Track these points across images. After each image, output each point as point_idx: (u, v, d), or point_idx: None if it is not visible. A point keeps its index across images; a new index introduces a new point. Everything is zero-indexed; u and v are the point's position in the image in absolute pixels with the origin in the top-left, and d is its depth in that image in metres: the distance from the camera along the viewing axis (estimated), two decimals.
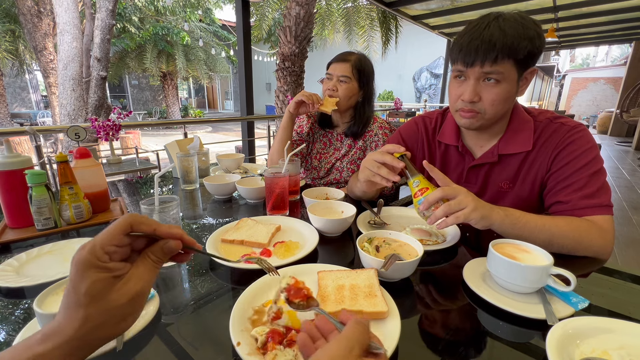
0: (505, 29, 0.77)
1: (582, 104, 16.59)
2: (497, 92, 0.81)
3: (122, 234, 0.35)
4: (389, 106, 8.81)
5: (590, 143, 0.84)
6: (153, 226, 0.37)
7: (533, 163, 0.90)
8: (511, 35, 0.77)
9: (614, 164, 6.15)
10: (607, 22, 5.53)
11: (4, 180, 0.86)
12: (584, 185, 0.81)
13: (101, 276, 0.33)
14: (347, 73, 1.34)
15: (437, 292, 0.66)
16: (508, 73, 0.80)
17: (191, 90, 21.81)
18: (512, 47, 0.77)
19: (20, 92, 12.64)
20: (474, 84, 0.83)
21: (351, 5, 7.73)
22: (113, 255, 0.34)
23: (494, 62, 0.78)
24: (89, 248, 0.33)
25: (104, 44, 5.34)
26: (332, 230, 0.87)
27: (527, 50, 0.77)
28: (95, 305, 0.32)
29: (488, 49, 0.78)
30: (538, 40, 0.78)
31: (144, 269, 0.36)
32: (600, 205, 0.79)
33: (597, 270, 0.75)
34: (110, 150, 2.80)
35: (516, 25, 0.77)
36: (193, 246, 0.41)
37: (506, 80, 0.81)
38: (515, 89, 0.83)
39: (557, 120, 0.89)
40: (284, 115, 1.40)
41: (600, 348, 0.47)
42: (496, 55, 0.77)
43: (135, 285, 0.35)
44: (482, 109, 0.84)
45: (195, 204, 1.16)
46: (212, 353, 0.48)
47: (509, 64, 0.79)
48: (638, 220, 3.39)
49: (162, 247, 0.38)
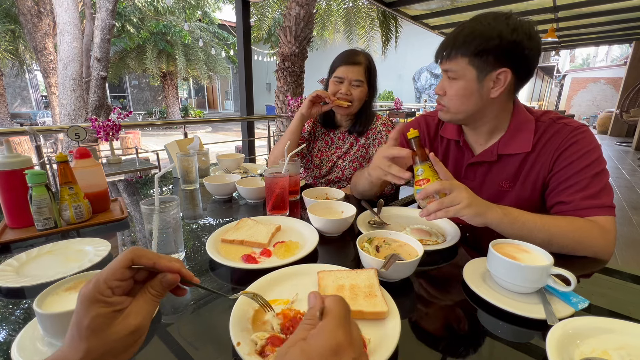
0: (463, 29, 0.82)
1: (582, 104, 16.59)
2: (455, 87, 0.87)
3: (124, 267, 0.36)
4: (389, 106, 8.82)
5: (593, 144, 0.84)
6: (153, 259, 0.38)
7: (534, 163, 0.90)
8: (464, 35, 0.81)
9: (614, 164, 6.15)
10: (607, 22, 5.53)
11: (4, 180, 0.86)
12: (587, 186, 0.81)
13: (103, 311, 0.34)
14: (361, 77, 1.32)
15: (437, 292, 0.66)
16: (463, 71, 0.84)
17: (191, 90, 21.81)
18: (462, 45, 0.81)
19: (20, 92, 12.64)
20: (443, 79, 0.91)
21: (351, 5, 7.73)
22: (116, 290, 0.36)
23: (447, 58, 0.85)
24: (94, 283, 0.35)
25: (104, 44, 5.34)
26: (332, 230, 0.87)
27: (478, 49, 0.79)
28: (96, 338, 0.34)
29: (445, 47, 0.85)
30: (497, 39, 0.78)
31: (144, 303, 0.37)
32: (602, 206, 0.79)
33: (597, 270, 0.75)
34: (110, 150, 2.80)
35: (477, 25, 0.80)
36: (191, 280, 0.41)
37: (462, 78, 0.85)
38: (474, 86, 0.84)
39: (560, 121, 0.89)
40: (295, 118, 1.37)
41: (600, 348, 0.47)
42: (449, 52, 0.83)
43: (134, 320, 0.36)
44: (445, 102, 0.91)
45: (195, 204, 1.16)
46: (212, 353, 0.48)
47: (462, 61, 0.83)
48: (638, 220, 3.39)
49: (160, 280, 0.39)
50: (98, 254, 0.73)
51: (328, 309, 0.32)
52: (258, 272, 0.65)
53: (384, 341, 0.48)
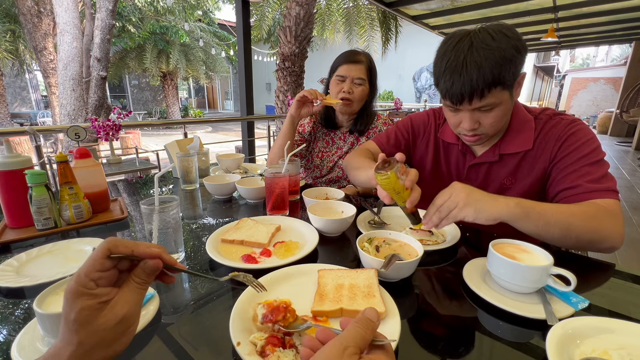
0: (481, 63, 0.75)
1: (582, 104, 16.59)
2: (494, 115, 0.83)
3: (102, 258, 0.36)
4: (389, 106, 8.81)
5: (590, 135, 0.85)
6: (131, 247, 0.38)
7: (535, 158, 0.91)
8: (490, 68, 0.75)
9: (614, 164, 6.15)
10: (607, 22, 5.52)
11: (4, 180, 0.86)
12: (589, 172, 0.81)
13: (88, 303, 0.34)
14: (362, 75, 1.33)
15: (437, 292, 0.66)
16: (499, 98, 0.80)
17: (191, 90, 21.81)
18: (494, 80, 0.76)
19: (20, 92, 12.64)
20: (470, 115, 0.84)
21: (351, 5, 7.73)
22: (99, 282, 0.36)
23: (482, 98, 0.79)
24: (75, 277, 0.35)
25: (104, 44, 5.34)
26: (332, 230, 0.87)
27: (510, 73, 0.77)
28: (85, 330, 0.34)
29: (472, 91, 0.77)
30: (519, 56, 0.77)
31: (130, 292, 0.38)
32: (607, 189, 0.78)
33: (597, 270, 0.75)
34: (110, 150, 2.80)
35: (491, 53, 0.75)
36: (174, 265, 0.41)
37: (500, 104, 0.81)
38: (510, 104, 0.84)
39: (557, 116, 0.91)
40: (286, 120, 1.38)
41: (600, 348, 0.47)
42: (482, 92, 0.77)
43: (121, 309, 0.36)
44: (484, 131, 0.87)
45: (195, 204, 1.16)
46: (212, 353, 0.48)
47: (497, 92, 0.79)
48: (638, 220, 3.39)
49: (142, 267, 0.39)
50: None
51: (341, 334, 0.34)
52: (258, 272, 0.65)
53: None
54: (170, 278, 0.42)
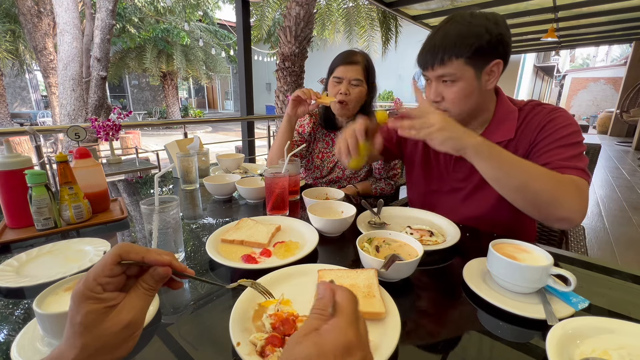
0: (449, 31, 0.83)
1: (582, 104, 16.60)
2: (455, 90, 0.87)
3: (112, 264, 0.36)
4: (388, 106, 8.81)
5: (569, 120, 0.87)
6: (141, 254, 0.38)
7: (516, 147, 0.93)
8: (453, 36, 0.81)
9: (614, 164, 6.15)
10: (607, 22, 5.52)
11: (4, 180, 0.86)
12: (562, 152, 0.83)
13: (94, 307, 0.34)
14: (359, 76, 1.33)
15: (437, 292, 0.66)
16: (461, 72, 0.84)
17: (191, 90, 21.81)
18: (455, 48, 0.81)
19: (20, 92, 12.64)
20: (435, 86, 0.90)
21: (351, 5, 7.73)
22: (107, 286, 0.36)
23: (442, 64, 0.84)
24: (84, 281, 0.35)
25: (104, 44, 5.34)
26: (332, 230, 0.87)
27: (474, 47, 0.81)
28: (90, 334, 0.34)
29: (434, 54, 0.85)
30: (487, 35, 0.81)
31: (136, 298, 0.37)
32: (577, 168, 0.79)
33: (597, 270, 0.75)
34: (110, 150, 2.80)
35: (461, 25, 0.82)
36: (184, 272, 0.41)
37: (461, 79, 0.85)
38: (474, 84, 0.86)
39: (539, 106, 0.93)
40: (283, 119, 1.38)
41: (600, 348, 0.47)
42: (441, 58, 0.83)
43: (127, 315, 0.36)
44: (447, 107, 0.90)
45: (195, 204, 1.16)
46: (212, 353, 0.48)
47: (458, 63, 0.83)
48: (638, 220, 3.39)
49: (151, 274, 0.39)
50: (98, 254, 0.73)
51: (340, 306, 0.33)
52: (258, 272, 0.65)
53: (384, 341, 0.48)
54: (178, 284, 0.42)
